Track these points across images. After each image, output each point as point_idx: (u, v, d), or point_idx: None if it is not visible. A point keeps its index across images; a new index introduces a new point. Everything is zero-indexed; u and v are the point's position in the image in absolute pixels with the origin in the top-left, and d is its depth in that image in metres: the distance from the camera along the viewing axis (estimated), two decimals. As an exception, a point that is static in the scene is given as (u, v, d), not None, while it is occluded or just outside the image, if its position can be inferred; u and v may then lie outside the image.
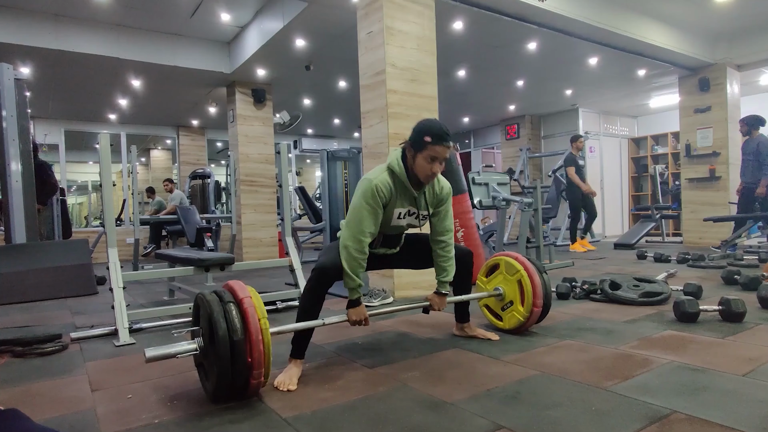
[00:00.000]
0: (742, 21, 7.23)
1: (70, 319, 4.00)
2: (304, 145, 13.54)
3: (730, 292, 4.02)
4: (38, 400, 2.16)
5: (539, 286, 2.88)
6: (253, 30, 6.85)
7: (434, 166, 2.39)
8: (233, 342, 1.91)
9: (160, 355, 1.97)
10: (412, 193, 2.50)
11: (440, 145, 2.35)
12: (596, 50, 7.30)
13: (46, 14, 6.27)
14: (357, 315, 2.44)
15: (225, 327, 1.92)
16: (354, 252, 2.35)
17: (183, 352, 2.02)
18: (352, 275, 2.36)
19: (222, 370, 1.91)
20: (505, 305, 3.01)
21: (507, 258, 3.04)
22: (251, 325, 1.95)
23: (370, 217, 2.37)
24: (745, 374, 2.13)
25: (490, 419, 1.77)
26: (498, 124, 12.80)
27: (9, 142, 5.19)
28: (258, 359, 1.95)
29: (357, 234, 2.35)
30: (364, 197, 2.37)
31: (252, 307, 1.99)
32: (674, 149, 11.16)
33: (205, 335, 2.03)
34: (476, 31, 6.53)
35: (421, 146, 2.37)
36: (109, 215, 3.51)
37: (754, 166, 6.86)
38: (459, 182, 5.06)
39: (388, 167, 2.47)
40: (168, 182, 9.64)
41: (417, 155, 2.39)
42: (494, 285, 3.08)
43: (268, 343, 1.99)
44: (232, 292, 2.06)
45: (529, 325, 2.98)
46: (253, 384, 1.99)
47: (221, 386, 1.96)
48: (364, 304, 2.49)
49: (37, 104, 9.10)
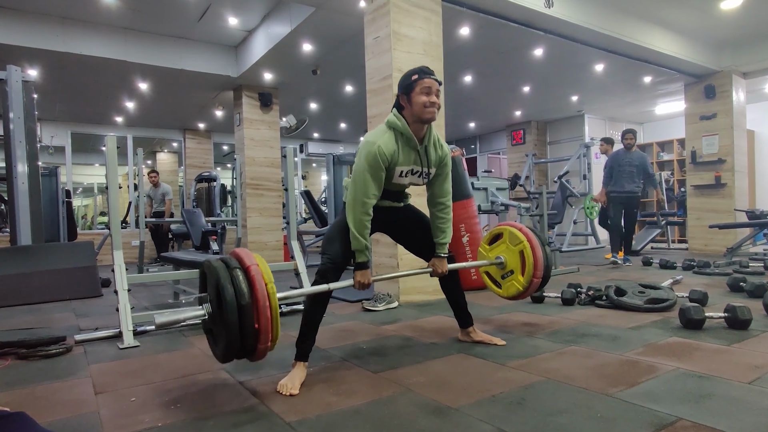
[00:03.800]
0: (747, 29, 7.21)
1: (74, 321, 4.01)
2: (310, 149, 13.56)
3: (736, 299, 3.99)
4: (42, 402, 2.16)
5: (541, 258, 2.90)
6: (260, 34, 6.88)
7: (431, 97, 2.45)
8: (241, 306, 1.92)
9: (169, 321, 2.00)
10: (416, 145, 2.52)
11: (427, 77, 2.47)
12: (602, 57, 7.29)
13: (54, 17, 6.31)
14: (363, 277, 2.47)
15: (232, 292, 1.93)
16: (360, 214, 2.41)
17: (191, 318, 2.04)
18: (358, 236, 2.41)
19: (230, 335, 1.92)
20: (506, 274, 3.03)
21: (511, 228, 3.06)
22: (258, 290, 1.96)
23: (374, 180, 2.42)
24: (751, 382, 2.12)
25: (495, 425, 1.77)
26: (504, 129, 12.79)
27: (16, 144, 5.21)
28: (265, 324, 1.95)
29: (361, 197, 2.40)
30: (367, 161, 2.41)
31: (259, 274, 2.00)
32: (680, 156, 11.12)
33: (213, 301, 2.04)
34: (482, 37, 6.54)
35: (411, 86, 2.47)
36: (115, 218, 3.51)
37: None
38: (465, 187, 5.05)
39: (389, 125, 2.51)
40: (155, 173, 9.51)
41: (411, 96, 2.47)
42: (496, 253, 3.09)
43: (276, 308, 1.99)
44: (238, 259, 2.07)
45: (526, 295, 3.03)
46: (260, 349, 1.99)
47: (230, 352, 1.98)
48: (369, 270, 2.52)
49: (44, 106, 9.14)
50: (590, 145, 10.00)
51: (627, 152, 6.64)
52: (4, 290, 4.85)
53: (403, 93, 2.50)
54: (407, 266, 4.38)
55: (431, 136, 2.59)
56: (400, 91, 2.53)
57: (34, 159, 5.38)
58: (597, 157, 11.34)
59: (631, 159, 6.56)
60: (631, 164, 6.57)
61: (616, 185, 6.65)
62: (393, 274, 2.78)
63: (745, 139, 8.42)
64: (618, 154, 6.74)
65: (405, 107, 2.51)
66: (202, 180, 10.33)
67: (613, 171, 6.68)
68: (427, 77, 2.47)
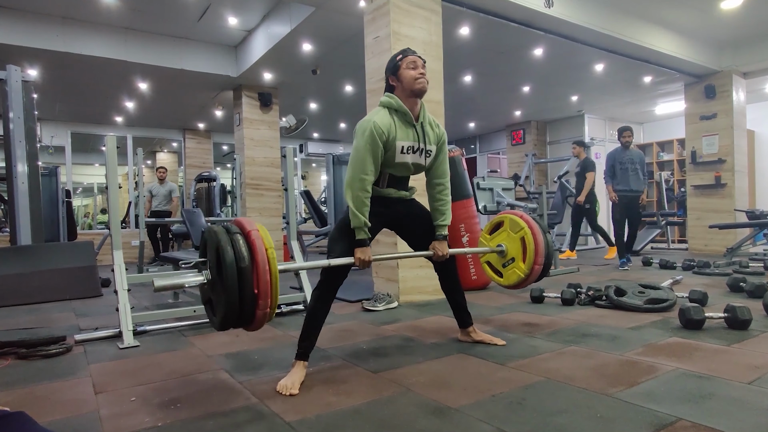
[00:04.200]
0: (748, 29, 7.21)
1: (74, 321, 4.01)
2: (310, 149, 13.57)
3: (736, 299, 4.00)
4: (42, 402, 2.16)
5: (542, 245, 2.89)
6: (260, 34, 6.88)
7: (417, 69, 2.56)
8: (240, 269, 1.91)
9: (168, 284, 1.98)
10: (412, 121, 2.57)
11: (411, 55, 2.60)
12: (602, 57, 7.29)
13: (54, 17, 6.31)
14: (363, 254, 2.45)
15: (232, 254, 1.92)
16: (357, 191, 2.42)
17: (191, 282, 2.03)
18: (357, 213, 2.42)
19: (229, 297, 1.91)
20: (507, 262, 3.03)
21: (512, 215, 3.07)
22: (258, 254, 1.95)
23: (370, 156, 2.44)
24: (751, 382, 2.12)
25: (495, 425, 1.77)
26: (504, 129, 12.79)
27: (16, 143, 5.21)
28: (264, 288, 1.94)
29: (359, 173, 2.42)
30: (364, 137, 2.44)
31: (259, 239, 1.99)
32: (680, 156, 11.13)
33: (213, 267, 2.02)
34: (482, 37, 6.54)
35: (397, 65, 2.59)
36: (115, 218, 3.51)
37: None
38: (464, 187, 5.05)
39: (382, 105, 2.59)
40: (163, 169, 9.37)
41: (399, 73, 2.57)
42: (497, 242, 3.08)
43: (276, 273, 1.98)
44: (239, 225, 2.07)
45: (528, 282, 3.01)
46: (259, 314, 1.98)
47: (229, 315, 1.95)
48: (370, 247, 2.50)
49: (44, 106, 9.15)
50: (590, 145, 10.00)
51: (625, 150, 6.43)
52: (4, 290, 4.84)
53: (392, 74, 2.61)
54: (408, 266, 4.38)
55: (425, 115, 2.66)
56: (388, 73, 2.63)
57: (34, 159, 5.38)
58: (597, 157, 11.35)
59: (632, 157, 6.38)
60: (633, 162, 6.37)
61: (622, 184, 6.39)
62: (394, 255, 2.76)
63: (745, 139, 8.42)
64: (617, 153, 6.51)
65: (396, 86, 2.60)
66: (202, 180, 10.33)
67: (615, 169, 6.45)
68: (410, 55, 2.59)
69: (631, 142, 6.47)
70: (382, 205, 2.60)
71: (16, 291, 4.91)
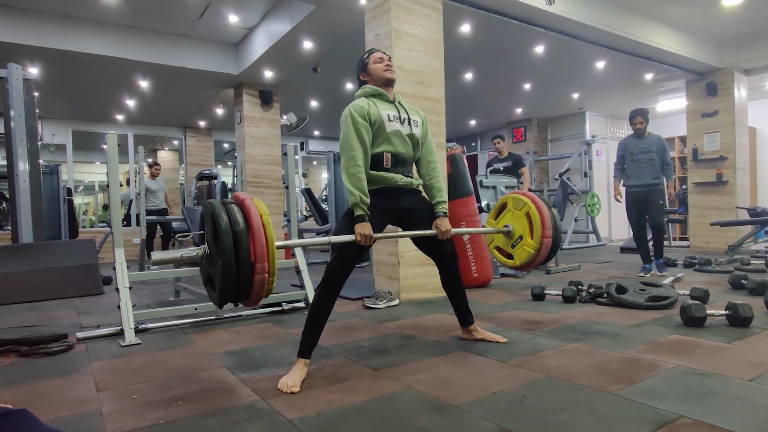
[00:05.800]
0: (749, 26, 7.19)
1: (76, 318, 4.02)
2: (310, 147, 13.55)
3: (737, 296, 3.99)
4: (44, 399, 2.17)
5: (548, 217, 2.89)
6: (260, 32, 6.88)
7: (383, 62, 2.73)
8: (235, 233, 1.93)
9: (166, 258, 2.01)
10: (389, 99, 2.72)
11: (375, 52, 2.78)
12: (603, 54, 7.28)
13: (55, 15, 6.31)
14: (363, 228, 2.45)
15: (227, 219, 1.95)
16: (351, 168, 2.48)
17: (188, 255, 2.05)
18: (352, 189, 2.46)
19: (226, 264, 1.91)
20: (515, 242, 3.01)
21: (514, 194, 3.09)
22: (253, 219, 1.98)
23: (356, 135, 2.52)
24: (752, 379, 2.12)
25: (496, 423, 1.77)
26: (505, 126, 12.77)
27: (17, 142, 5.22)
28: (261, 252, 1.95)
29: (348, 152, 2.51)
30: (346, 121, 2.55)
31: (254, 205, 2.02)
32: (681, 153, 11.10)
33: (210, 239, 2.04)
34: (483, 34, 6.53)
35: (365, 62, 2.78)
36: (116, 216, 3.52)
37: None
38: (465, 185, 5.04)
39: (358, 95, 2.74)
40: (158, 166, 9.29)
41: (369, 68, 2.75)
42: (503, 224, 3.09)
43: (271, 237, 2.00)
44: (234, 197, 2.11)
45: (539, 258, 2.97)
46: (257, 279, 1.98)
47: (227, 283, 1.95)
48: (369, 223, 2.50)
49: (45, 104, 9.14)
50: (591, 142, 9.99)
51: (639, 138, 5.53)
52: (6, 288, 4.85)
53: (362, 71, 2.79)
54: (409, 263, 4.38)
55: (400, 99, 2.80)
56: (359, 71, 2.81)
57: (35, 157, 5.39)
58: (598, 154, 11.35)
59: (647, 145, 5.45)
60: (647, 151, 5.44)
61: (633, 178, 5.52)
62: (397, 234, 2.74)
63: (747, 137, 8.41)
64: (628, 141, 5.63)
65: (368, 81, 2.77)
66: (202, 178, 10.31)
67: (625, 161, 5.61)
68: (375, 53, 2.78)
69: (644, 129, 5.53)
70: (388, 198, 2.62)
71: (18, 289, 4.91)
